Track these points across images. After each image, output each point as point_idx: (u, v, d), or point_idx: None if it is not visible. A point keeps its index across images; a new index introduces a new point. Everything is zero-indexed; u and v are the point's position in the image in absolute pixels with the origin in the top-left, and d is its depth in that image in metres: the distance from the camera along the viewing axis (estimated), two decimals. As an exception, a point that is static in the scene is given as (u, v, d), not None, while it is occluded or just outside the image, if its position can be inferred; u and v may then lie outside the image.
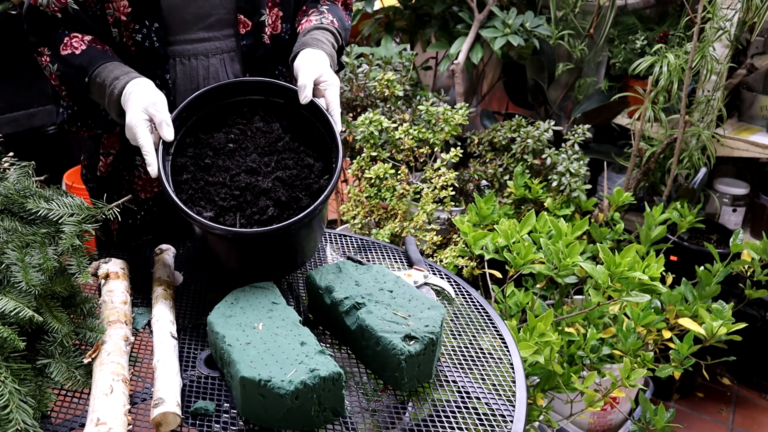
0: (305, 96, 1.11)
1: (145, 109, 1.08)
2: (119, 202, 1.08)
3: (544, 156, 2.14)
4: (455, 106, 2.09)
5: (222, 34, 1.29)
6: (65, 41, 1.20)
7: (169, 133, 1.08)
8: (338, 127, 1.11)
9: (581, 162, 2.11)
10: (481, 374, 1.00)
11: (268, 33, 1.31)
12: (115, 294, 1.08)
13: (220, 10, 1.26)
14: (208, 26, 1.27)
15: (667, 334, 1.66)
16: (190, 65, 1.28)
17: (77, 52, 1.19)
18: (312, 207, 1.03)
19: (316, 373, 0.85)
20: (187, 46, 1.26)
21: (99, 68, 1.18)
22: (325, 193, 1.05)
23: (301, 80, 1.13)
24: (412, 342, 0.93)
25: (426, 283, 1.22)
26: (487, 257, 1.57)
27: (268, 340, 0.92)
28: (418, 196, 2.00)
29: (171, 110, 1.27)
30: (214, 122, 1.16)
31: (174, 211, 1.04)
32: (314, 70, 1.14)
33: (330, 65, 1.19)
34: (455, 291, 1.24)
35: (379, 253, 1.38)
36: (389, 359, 0.93)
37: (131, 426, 0.85)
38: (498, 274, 1.72)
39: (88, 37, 1.21)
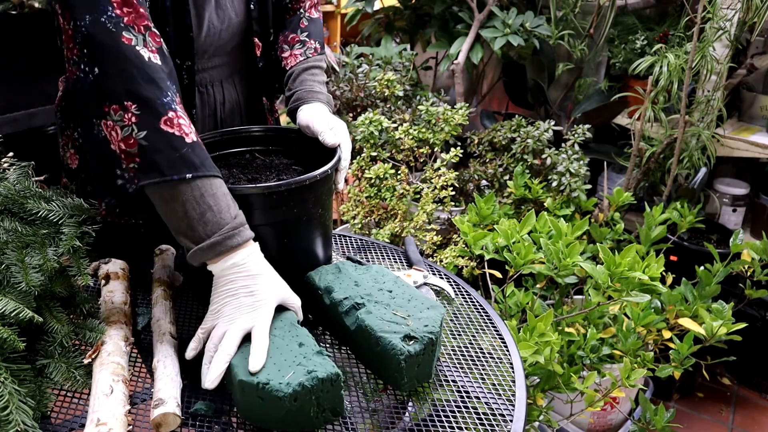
0: (330, 141, 1.13)
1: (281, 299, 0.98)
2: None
3: (544, 156, 2.14)
4: (455, 106, 2.09)
5: (237, 59, 1.29)
6: (170, 115, 0.91)
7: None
8: (345, 161, 1.14)
9: (581, 162, 2.11)
10: (481, 374, 1.00)
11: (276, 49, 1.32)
12: (116, 294, 1.08)
13: (236, 38, 1.26)
14: (225, 54, 1.27)
15: (667, 334, 1.66)
16: (207, 92, 1.27)
17: (187, 139, 0.92)
18: (325, 168, 1.04)
19: (314, 374, 0.84)
20: (204, 75, 1.26)
21: (212, 180, 0.93)
22: (333, 160, 1.07)
23: (320, 128, 1.16)
24: (412, 342, 0.93)
25: (425, 283, 1.22)
26: (487, 257, 1.57)
27: (267, 341, 0.92)
28: (418, 196, 2.00)
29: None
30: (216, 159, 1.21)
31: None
32: (325, 120, 1.18)
33: (329, 111, 1.24)
34: (455, 291, 1.24)
35: (379, 254, 1.38)
36: (389, 359, 0.93)
37: (131, 426, 0.85)
38: (498, 274, 1.72)
39: (193, 127, 0.96)
